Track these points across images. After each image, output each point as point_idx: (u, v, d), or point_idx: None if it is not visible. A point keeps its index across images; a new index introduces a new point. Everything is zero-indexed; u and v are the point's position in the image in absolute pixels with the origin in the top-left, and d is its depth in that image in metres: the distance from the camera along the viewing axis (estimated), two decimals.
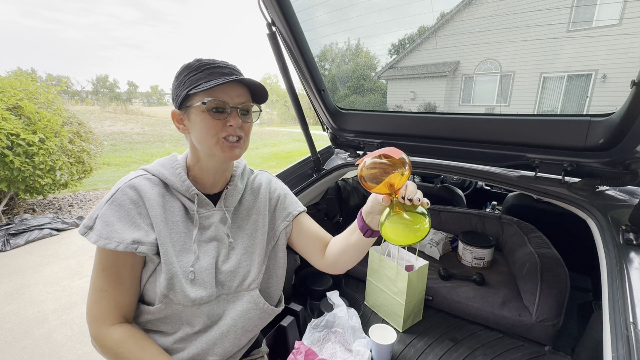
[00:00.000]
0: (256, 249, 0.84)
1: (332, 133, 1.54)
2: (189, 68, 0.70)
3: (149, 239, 0.68)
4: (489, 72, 4.05)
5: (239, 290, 0.79)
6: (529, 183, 1.10)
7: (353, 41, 2.14)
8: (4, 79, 3.68)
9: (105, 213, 0.67)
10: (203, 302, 0.73)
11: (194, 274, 0.72)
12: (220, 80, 0.67)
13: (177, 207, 0.74)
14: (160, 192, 0.73)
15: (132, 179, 0.72)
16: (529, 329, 1.24)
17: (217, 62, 0.71)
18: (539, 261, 1.38)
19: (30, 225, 3.44)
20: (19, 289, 2.53)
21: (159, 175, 0.75)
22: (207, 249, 0.76)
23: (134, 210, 0.69)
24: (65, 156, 3.90)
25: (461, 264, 1.69)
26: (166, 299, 0.70)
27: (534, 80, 3.67)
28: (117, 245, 0.65)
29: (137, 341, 0.69)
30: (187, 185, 0.75)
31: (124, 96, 42.80)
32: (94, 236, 0.65)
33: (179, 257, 0.72)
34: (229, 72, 0.71)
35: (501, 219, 1.81)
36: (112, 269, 0.68)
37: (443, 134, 1.23)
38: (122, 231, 0.66)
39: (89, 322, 0.69)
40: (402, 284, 1.25)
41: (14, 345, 1.93)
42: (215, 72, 0.69)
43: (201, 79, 0.68)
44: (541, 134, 1.02)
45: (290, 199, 0.93)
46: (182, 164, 0.78)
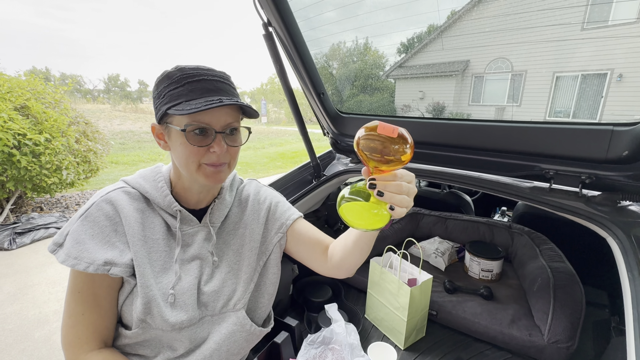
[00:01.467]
0: (242, 265, 0.77)
1: (332, 138, 1.47)
2: (170, 78, 0.62)
3: (123, 259, 0.62)
4: (499, 71, 3.93)
5: (223, 312, 0.73)
6: (543, 195, 1.02)
7: (361, 40, 2.08)
8: (12, 79, 3.71)
9: (77, 230, 0.61)
10: (184, 326, 0.67)
11: (174, 297, 0.66)
12: (201, 102, 0.59)
13: (157, 224, 0.69)
14: (139, 208, 0.67)
15: (110, 192, 0.66)
16: (540, 351, 1.15)
17: (201, 73, 0.62)
18: (552, 277, 1.29)
19: (36, 224, 3.47)
20: (22, 289, 2.54)
21: (140, 189, 0.69)
22: (189, 269, 0.70)
23: (108, 227, 0.63)
24: (72, 156, 3.93)
25: (468, 275, 1.61)
26: (144, 324, 0.64)
27: (546, 80, 3.54)
28: (87, 267, 0.59)
29: None
30: (169, 201, 0.69)
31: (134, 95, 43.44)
32: (62, 255, 0.60)
33: (157, 278, 0.66)
34: (214, 89, 0.62)
35: (511, 228, 1.72)
36: (87, 291, 0.62)
37: (451, 140, 1.15)
38: (94, 251, 0.60)
39: (65, 348, 0.64)
40: (404, 299, 1.18)
41: (14, 347, 1.93)
42: (197, 88, 0.61)
43: (181, 96, 0.60)
44: (557, 143, 0.93)
45: (281, 207, 0.85)
46: (166, 176, 0.72)
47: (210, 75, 0.63)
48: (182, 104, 0.59)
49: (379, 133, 0.51)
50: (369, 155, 0.52)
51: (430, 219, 1.94)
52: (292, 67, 1.18)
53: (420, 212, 1.99)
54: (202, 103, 0.58)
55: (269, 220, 0.83)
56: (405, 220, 1.91)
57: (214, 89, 0.62)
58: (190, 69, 0.62)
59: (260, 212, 0.82)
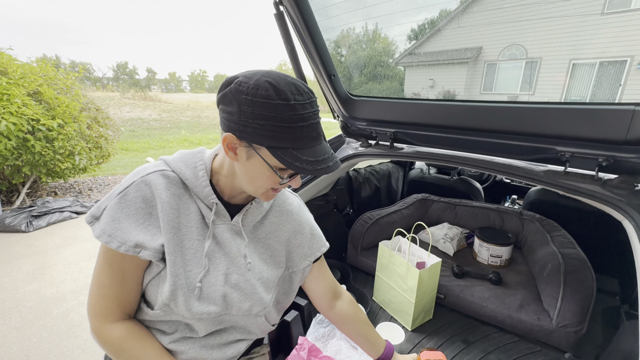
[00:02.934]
0: (272, 276, 0.77)
1: (342, 121, 1.46)
2: (276, 111, 0.55)
3: (154, 244, 0.62)
4: (513, 58, 3.79)
5: (247, 315, 0.74)
6: (557, 179, 1.00)
7: (370, 26, 2.03)
8: (25, 65, 3.75)
9: (114, 207, 0.61)
10: (204, 317, 0.68)
11: (201, 290, 0.67)
12: (309, 158, 0.58)
13: (193, 212, 0.68)
14: (176, 193, 0.66)
15: (150, 174, 0.65)
16: (548, 335, 1.16)
17: (308, 114, 0.58)
18: (563, 262, 1.28)
19: (51, 207, 3.56)
20: (40, 269, 2.63)
21: (180, 174, 0.67)
22: (217, 264, 0.70)
23: (143, 209, 0.63)
24: (84, 141, 3.99)
25: (476, 261, 1.61)
26: (167, 308, 0.66)
27: (562, 67, 3.41)
28: (119, 246, 0.60)
29: (140, 339, 0.66)
30: (208, 192, 0.67)
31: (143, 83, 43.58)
32: (98, 230, 0.61)
33: (187, 267, 0.66)
34: (317, 135, 0.60)
35: (522, 215, 1.70)
36: (117, 267, 0.63)
37: (463, 123, 1.13)
38: (127, 231, 0.61)
39: (91, 315, 0.66)
40: (413, 281, 1.19)
41: (35, 323, 2.01)
42: (305, 134, 0.58)
43: (288, 139, 0.57)
44: (574, 124, 0.91)
45: (317, 235, 0.86)
46: (207, 164, 0.69)
47: (314, 115, 0.60)
48: (289, 152, 0.57)
49: None
50: None
51: (439, 205, 1.93)
52: (302, 47, 1.16)
53: (429, 198, 1.98)
54: (312, 163, 0.58)
55: (305, 244, 0.82)
56: (414, 206, 1.91)
57: (316, 135, 0.60)
58: (300, 106, 0.56)
59: (302, 233, 0.82)
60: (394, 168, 2.42)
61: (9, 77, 3.34)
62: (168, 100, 16.95)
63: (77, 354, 1.78)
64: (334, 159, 0.62)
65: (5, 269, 2.58)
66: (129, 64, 50.78)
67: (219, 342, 0.74)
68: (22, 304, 2.18)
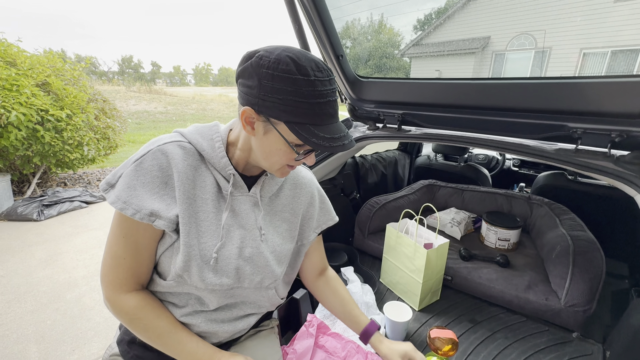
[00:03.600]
0: (284, 249, 0.78)
1: (350, 104, 1.45)
2: (296, 85, 0.55)
3: (168, 214, 0.62)
4: (522, 48, 3.70)
5: (258, 287, 0.75)
6: (569, 157, 0.99)
7: (376, 17, 2.00)
8: (33, 56, 3.78)
9: (129, 174, 0.61)
10: (217, 289, 0.69)
11: (216, 261, 0.67)
12: (326, 135, 0.58)
13: (209, 183, 0.68)
14: (192, 165, 0.66)
15: (166, 143, 0.64)
16: (556, 314, 1.16)
17: (327, 91, 0.58)
18: (572, 244, 1.27)
19: (61, 197, 3.62)
20: (53, 255, 2.69)
21: (196, 145, 0.67)
22: (232, 236, 0.70)
23: (159, 178, 0.62)
24: (92, 132, 4.03)
25: (484, 245, 1.60)
26: (180, 278, 0.66)
27: (572, 57, 3.31)
28: (134, 213, 0.59)
29: (153, 308, 0.67)
30: (225, 163, 0.67)
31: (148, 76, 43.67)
32: (112, 196, 0.60)
33: (201, 238, 0.66)
34: (334, 112, 0.61)
35: (530, 199, 1.69)
36: (131, 238, 0.64)
37: (471, 102, 1.12)
38: (143, 199, 0.60)
39: (105, 285, 0.67)
40: (420, 261, 1.20)
41: (49, 307, 2.07)
42: (324, 112, 0.58)
43: (307, 115, 0.57)
44: (587, 99, 0.90)
45: (327, 208, 0.88)
46: (224, 136, 0.69)
47: (332, 93, 0.60)
48: (306, 127, 0.57)
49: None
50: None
51: (446, 190, 1.92)
52: (310, 27, 1.15)
53: (436, 184, 1.97)
54: (329, 140, 0.58)
55: (314, 217, 0.84)
56: (421, 192, 1.91)
57: (333, 113, 0.61)
58: (319, 82, 0.57)
59: (313, 206, 0.83)
60: (401, 155, 2.41)
61: (18, 68, 3.37)
62: (173, 94, 16.99)
63: (91, 336, 1.83)
64: (349, 138, 0.62)
65: (19, 256, 2.64)
66: (134, 58, 50.90)
67: (230, 316, 0.76)
68: (36, 289, 2.24)
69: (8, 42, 3.47)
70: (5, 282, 2.28)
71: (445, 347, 0.92)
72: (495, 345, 1.09)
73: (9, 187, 3.48)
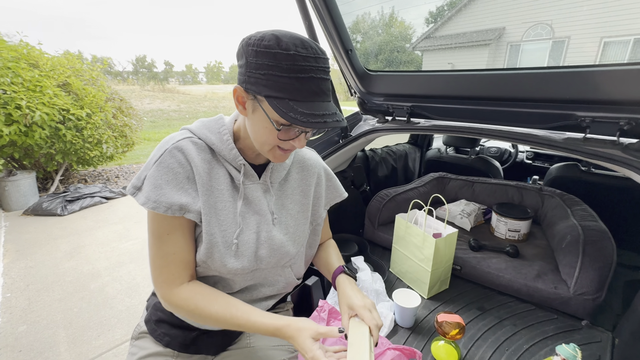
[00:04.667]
0: (298, 230, 0.81)
1: (360, 97, 1.48)
2: (277, 59, 0.55)
3: (195, 206, 0.66)
4: (539, 38, 3.57)
5: (275, 267, 0.79)
6: (577, 145, 1.00)
7: (387, 10, 1.99)
8: (54, 58, 3.93)
9: (154, 175, 0.64)
10: (239, 273, 0.73)
11: (237, 246, 0.71)
12: (305, 111, 0.56)
13: (222, 175, 0.71)
14: (206, 159, 0.69)
15: (179, 141, 0.67)
16: (565, 303, 1.17)
17: (311, 67, 0.57)
18: (582, 233, 1.27)
19: (83, 193, 3.78)
20: (76, 248, 2.82)
21: (206, 140, 0.70)
22: (249, 222, 0.74)
23: (182, 174, 0.66)
24: (110, 130, 4.17)
25: (494, 236, 1.61)
26: (205, 264, 0.71)
27: (592, 46, 3.18)
28: (166, 210, 0.63)
29: (204, 296, 0.69)
30: (235, 154, 0.70)
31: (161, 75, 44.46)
32: (142, 198, 0.63)
33: (222, 226, 0.70)
34: (319, 91, 0.59)
35: (542, 190, 1.69)
36: (173, 232, 0.67)
37: (480, 93, 1.14)
38: (170, 195, 0.64)
39: (159, 286, 0.68)
40: (429, 250, 1.22)
41: (74, 295, 2.19)
42: (304, 88, 0.57)
43: (286, 90, 0.56)
44: (595, 87, 0.90)
45: (334, 185, 0.91)
46: (230, 129, 0.72)
47: (318, 70, 0.58)
48: (285, 102, 0.57)
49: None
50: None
51: (456, 182, 1.93)
52: (319, 21, 1.18)
53: (446, 176, 1.98)
54: (308, 116, 0.56)
55: (323, 194, 0.87)
56: (431, 184, 1.92)
57: (318, 91, 0.59)
58: (301, 58, 0.56)
59: (320, 185, 0.86)
60: (411, 148, 2.42)
61: (41, 69, 3.52)
62: (186, 92, 17.28)
63: (114, 323, 1.93)
64: (336, 117, 0.59)
65: (46, 248, 2.79)
66: (147, 57, 51.86)
67: (249, 298, 0.80)
68: (62, 279, 2.37)
69: (31, 45, 3.62)
70: (35, 273, 2.42)
71: (452, 331, 0.95)
72: (503, 332, 1.11)
73: (35, 183, 3.66)
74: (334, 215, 1.64)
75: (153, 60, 53.73)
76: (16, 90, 3.05)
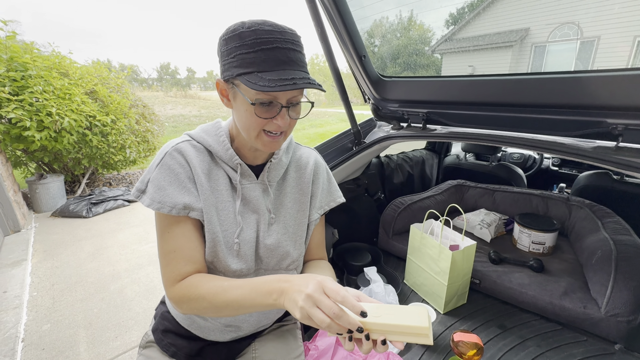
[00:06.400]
0: (297, 229, 0.80)
1: (374, 104, 1.45)
2: (242, 39, 0.58)
3: (199, 205, 0.68)
4: (566, 38, 3.40)
5: (276, 268, 0.78)
6: (608, 155, 0.92)
7: (405, 13, 1.96)
8: (83, 67, 4.14)
9: (157, 177, 0.66)
10: (243, 274, 0.73)
11: (239, 246, 0.71)
12: (274, 78, 0.57)
13: (221, 176, 0.72)
14: (205, 161, 0.71)
15: (179, 144, 0.70)
16: (595, 324, 1.08)
17: (275, 39, 0.58)
18: (615, 248, 1.18)
19: (107, 196, 3.92)
20: (99, 249, 2.92)
21: (204, 143, 0.72)
22: (248, 222, 0.74)
23: (183, 174, 0.68)
24: (133, 135, 4.33)
25: (516, 248, 1.53)
26: (212, 265, 0.71)
27: (625, 46, 3.00)
28: (170, 210, 0.64)
29: (204, 276, 0.67)
30: (231, 155, 0.72)
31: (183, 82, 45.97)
32: (147, 200, 0.65)
33: (223, 226, 0.71)
34: (287, 60, 0.59)
35: (569, 201, 1.59)
36: (176, 230, 0.67)
37: (500, 99, 1.08)
38: (174, 195, 0.65)
39: (166, 285, 0.68)
40: (445, 263, 1.17)
41: (95, 296, 2.26)
42: (270, 58, 0.58)
43: (254, 64, 0.58)
44: (629, 92, 0.83)
45: (333, 187, 0.87)
46: (226, 131, 0.74)
47: (284, 42, 0.59)
48: (254, 75, 0.58)
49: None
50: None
51: (476, 191, 1.85)
52: (332, 27, 1.17)
53: (465, 184, 1.91)
54: (276, 81, 0.57)
55: (316, 195, 0.84)
56: (449, 192, 1.85)
57: (287, 60, 0.60)
58: (263, 32, 0.58)
59: (317, 183, 0.84)
60: (428, 155, 2.36)
61: (70, 78, 3.70)
62: (206, 98, 17.78)
63: (131, 325, 1.97)
64: (308, 80, 0.60)
65: (71, 249, 2.91)
66: (171, 65, 53.88)
67: None
68: (85, 280, 2.45)
69: (62, 54, 3.82)
70: (60, 273, 2.52)
71: (469, 351, 0.90)
72: (526, 353, 1.04)
73: (63, 186, 3.84)
74: (347, 223, 1.61)
75: (176, 67, 55.72)
76: (47, 98, 3.22)
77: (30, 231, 3.20)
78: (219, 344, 0.80)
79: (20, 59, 3.12)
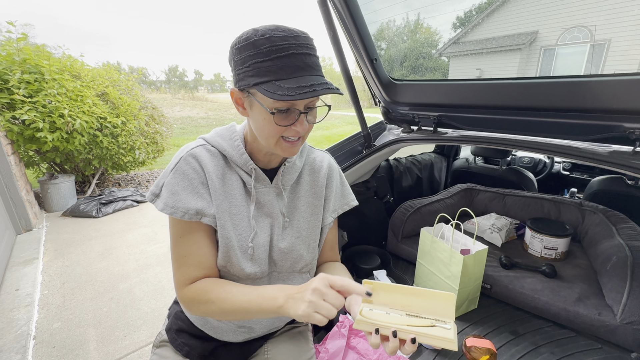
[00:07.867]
0: (311, 233, 0.80)
1: (384, 107, 1.45)
2: (256, 47, 0.57)
3: (211, 210, 0.68)
4: (576, 41, 3.36)
5: (290, 272, 0.78)
6: (625, 160, 0.91)
7: (412, 17, 1.96)
8: (94, 70, 4.21)
9: (171, 182, 0.67)
10: (257, 277, 0.73)
11: (253, 250, 0.72)
12: (292, 86, 0.56)
13: (235, 180, 0.73)
14: (219, 165, 0.71)
15: (194, 148, 0.70)
16: (611, 331, 1.06)
17: (290, 45, 0.57)
18: (630, 255, 1.16)
19: (116, 196, 3.97)
20: (108, 249, 2.96)
21: (218, 147, 0.72)
22: (262, 226, 0.74)
23: (196, 180, 0.68)
24: (142, 137, 4.38)
25: (527, 253, 1.51)
26: (225, 269, 0.71)
27: (636, 49, 2.95)
28: (183, 215, 0.65)
29: (214, 280, 0.69)
30: (245, 159, 0.72)
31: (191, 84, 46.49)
32: (160, 204, 0.66)
33: (237, 230, 0.71)
34: (304, 66, 0.59)
35: (582, 205, 1.56)
36: (188, 235, 0.68)
37: (513, 102, 1.07)
38: (187, 200, 0.66)
39: (178, 288, 0.70)
40: (456, 267, 1.16)
41: (104, 295, 2.28)
42: (287, 65, 0.57)
43: (270, 72, 0.57)
44: None
45: (346, 191, 0.88)
46: (241, 135, 0.74)
47: (299, 47, 0.59)
48: (271, 84, 0.57)
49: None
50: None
51: (486, 195, 1.84)
52: (344, 31, 1.17)
53: (475, 188, 1.89)
54: (295, 89, 0.56)
55: (330, 198, 0.84)
56: (459, 196, 1.84)
57: (303, 66, 0.59)
58: (277, 38, 0.57)
59: (331, 187, 0.84)
60: (437, 158, 2.34)
61: (82, 80, 3.77)
62: (214, 100, 17.95)
63: (140, 324, 1.98)
64: (327, 86, 0.58)
65: (81, 249, 2.95)
66: (179, 67, 54.59)
67: None
68: (94, 279, 2.48)
69: (73, 57, 3.89)
70: (70, 272, 2.56)
71: (482, 357, 0.89)
72: None
73: (74, 187, 3.90)
74: (356, 226, 1.61)
75: (184, 70, 56.42)
76: (60, 100, 3.28)
77: (42, 230, 3.25)
78: (232, 344, 0.81)
79: (32, 62, 3.19)
